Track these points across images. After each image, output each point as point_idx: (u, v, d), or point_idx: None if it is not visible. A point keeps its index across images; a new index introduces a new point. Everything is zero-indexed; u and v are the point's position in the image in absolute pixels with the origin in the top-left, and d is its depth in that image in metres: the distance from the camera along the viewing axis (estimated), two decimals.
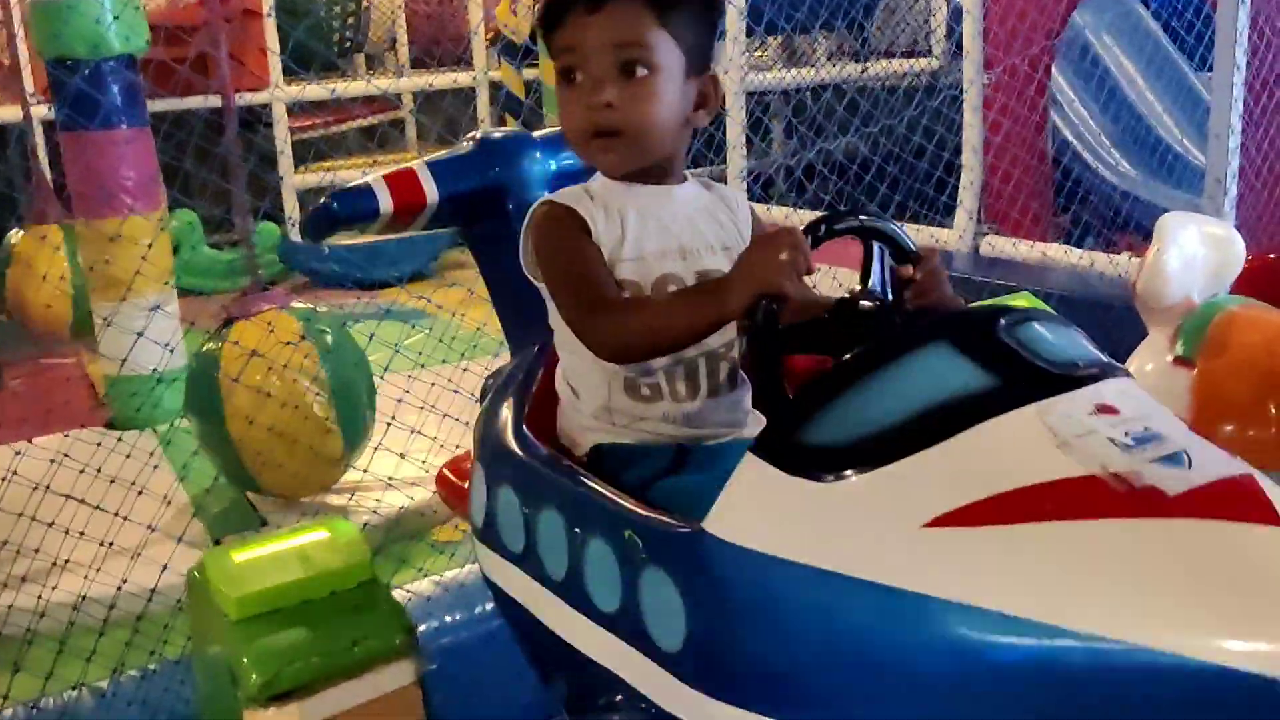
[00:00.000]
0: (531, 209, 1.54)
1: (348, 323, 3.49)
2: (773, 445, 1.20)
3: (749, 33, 5.84)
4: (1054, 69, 5.08)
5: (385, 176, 1.86)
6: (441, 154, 1.97)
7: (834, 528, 1.13)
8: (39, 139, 5.87)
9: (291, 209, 6.66)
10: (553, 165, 1.97)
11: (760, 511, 1.19)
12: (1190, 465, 1.08)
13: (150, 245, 3.69)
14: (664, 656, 1.28)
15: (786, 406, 1.25)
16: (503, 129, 2.07)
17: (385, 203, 1.83)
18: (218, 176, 4.13)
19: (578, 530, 1.42)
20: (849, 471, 1.13)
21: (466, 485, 1.70)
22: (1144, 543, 1.01)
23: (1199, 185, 3.73)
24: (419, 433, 2.89)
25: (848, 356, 1.23)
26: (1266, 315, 2.33)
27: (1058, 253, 4.37)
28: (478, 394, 1.96)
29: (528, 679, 1.60)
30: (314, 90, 6.67)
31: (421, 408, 2.92)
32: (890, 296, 1.45)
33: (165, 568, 2.38)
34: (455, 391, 2.91)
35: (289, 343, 3.03)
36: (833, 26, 6.14)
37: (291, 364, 3.00)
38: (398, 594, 2.51)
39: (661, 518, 1.33)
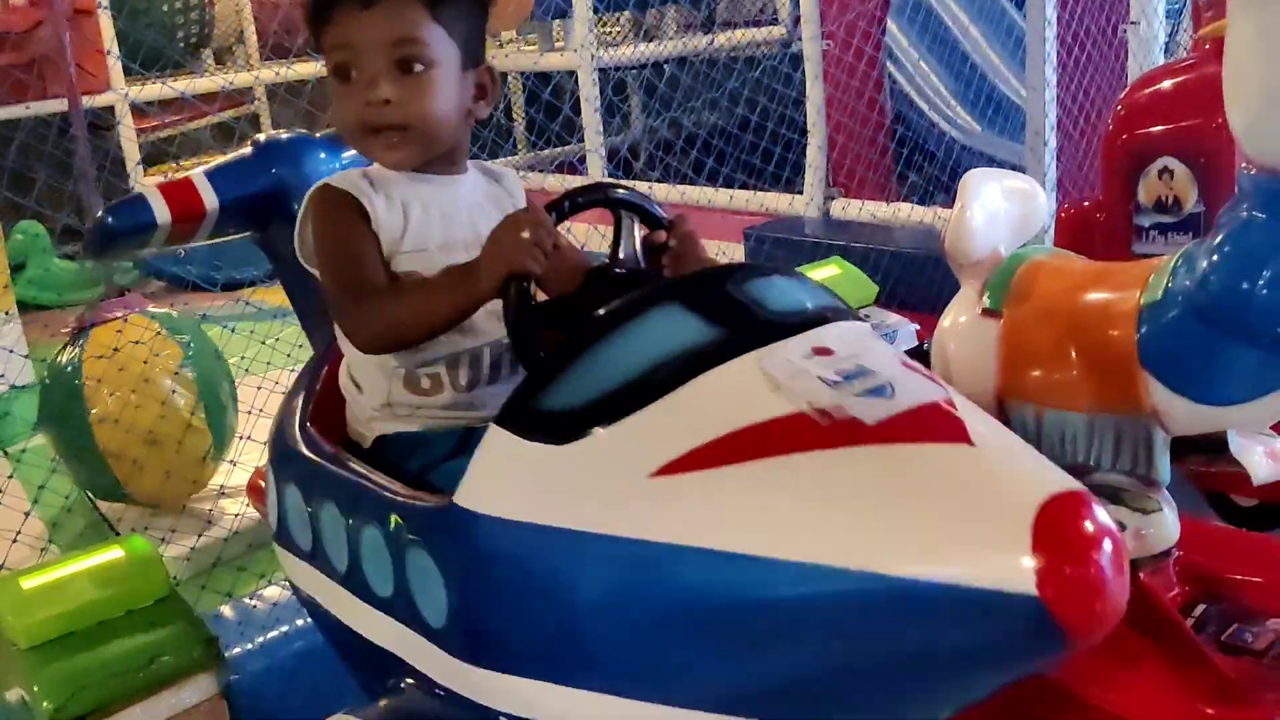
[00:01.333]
0: (309, 192, 1.53)
1: (202, 322, 3.43)
2: (514, 414, 1.24)
3: (595, 10, 5.83)
4: (890, 25, 5.16)
5: (160, 186, 1.85)
6: (219, 160, 1.95)
7: (573, 487, 1.18)
8: None
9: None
10: (336, 165, 1.96)
11: (504, 479, 1.24)
12: (893, 394, 1.15)
13: None
14: (433, 633, 1.33)
15: (527, 375, 1.29)
16: (287, 130, 2.04)
17: (162, 213, 1.81)
18: (66, 183, 4.00)
19: (352, 521, 1.45)
20: (584, 432, 1.18)
21: None
22: (842, 470, 1.08)
23: None
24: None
25: (584, 321, 1.27)
26: (1068, 263, 2.40)
27: (904, 212, 4.47)
28: None
29: (336, 674, 1.60)
30: (155, 90, 6.47)
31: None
32: (644, 265, 1.48)
33: None
34: None
35: (141, 343, 2.98)
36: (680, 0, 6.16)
37: (154, 365, 2.98)
38: (246, 601, 2.49)
39: (419, 498, 1.36)
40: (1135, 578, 1.06)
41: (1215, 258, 1.83)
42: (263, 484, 1.92)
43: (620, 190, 1.47)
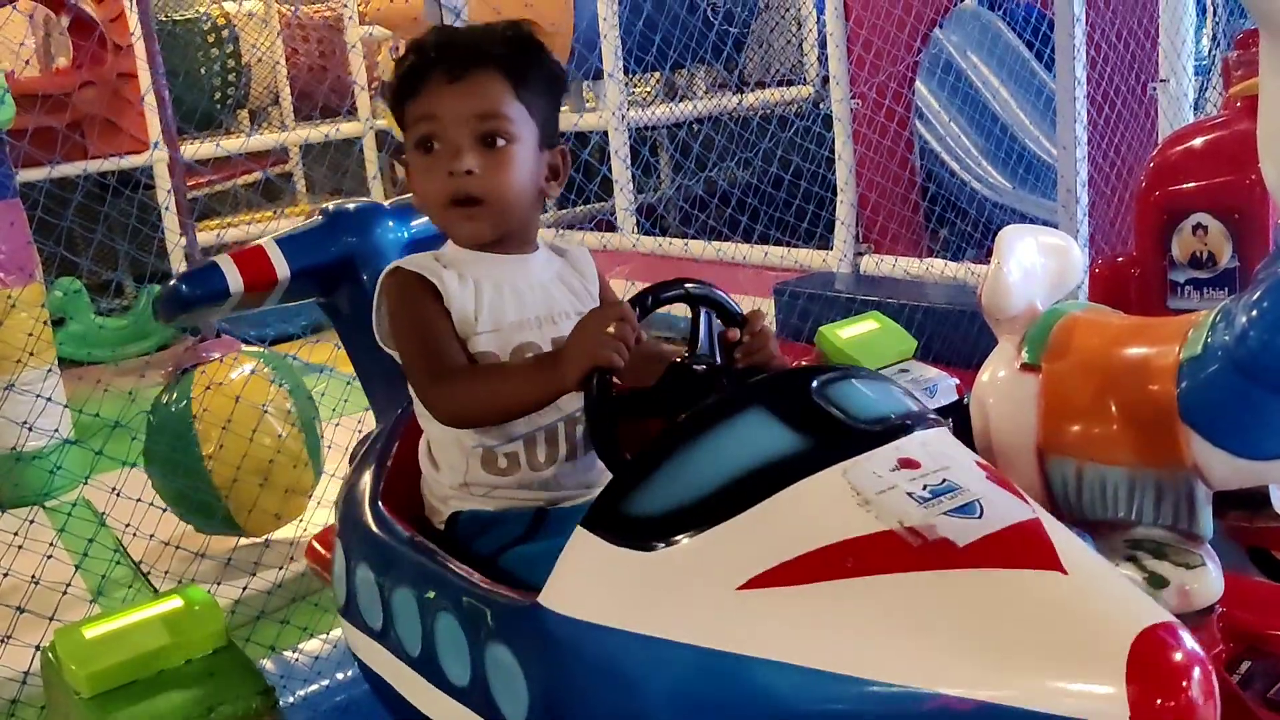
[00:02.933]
0: (382, 276, 1.56)
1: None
2: (601, 517, 1.25)
3: (627, 70, 5.94)
4: (919, 86, 5.23)
5: (233, 255, 1.88)
6: (291, 230, 1.99)
7: (658, 595, 1.19)
8: None
9: (180, 270, 6.57)
10: (405, 234, 2.00)
11: (590, 583, 1.25)
12: (981, 514, 1.16)
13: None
14: None
15: (614, 478, 1.31)
16: (355, 200, 2.09)
17: (235, 282, 1.84)
18: (105, 241, 4.08)
19: (428, 607, 1.46)
20: (671, 539, 1.19)
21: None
22: (935, 594, 1.08)
23: None
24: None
25: (669, 427, 1.30)
26: (1105, 318, 2.42)
27: (935, 268, 4.50)
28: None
29: None
30: (196, 148, 6.60)
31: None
32: (719, 359, 1.51)
33: (37, 648, 2.33)
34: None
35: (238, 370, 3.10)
36: (708, 60, 6.26)
37: (267, 401, 3.10)
38: (287, 655, 2.51)
39: (502, 592, 1.37)
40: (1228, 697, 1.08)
41: (1254, 313, 1.85)
42: (319, 547, 1.95)
43: (698, 285, 1.50)
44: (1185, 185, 2.93)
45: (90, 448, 2.77)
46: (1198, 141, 2.98)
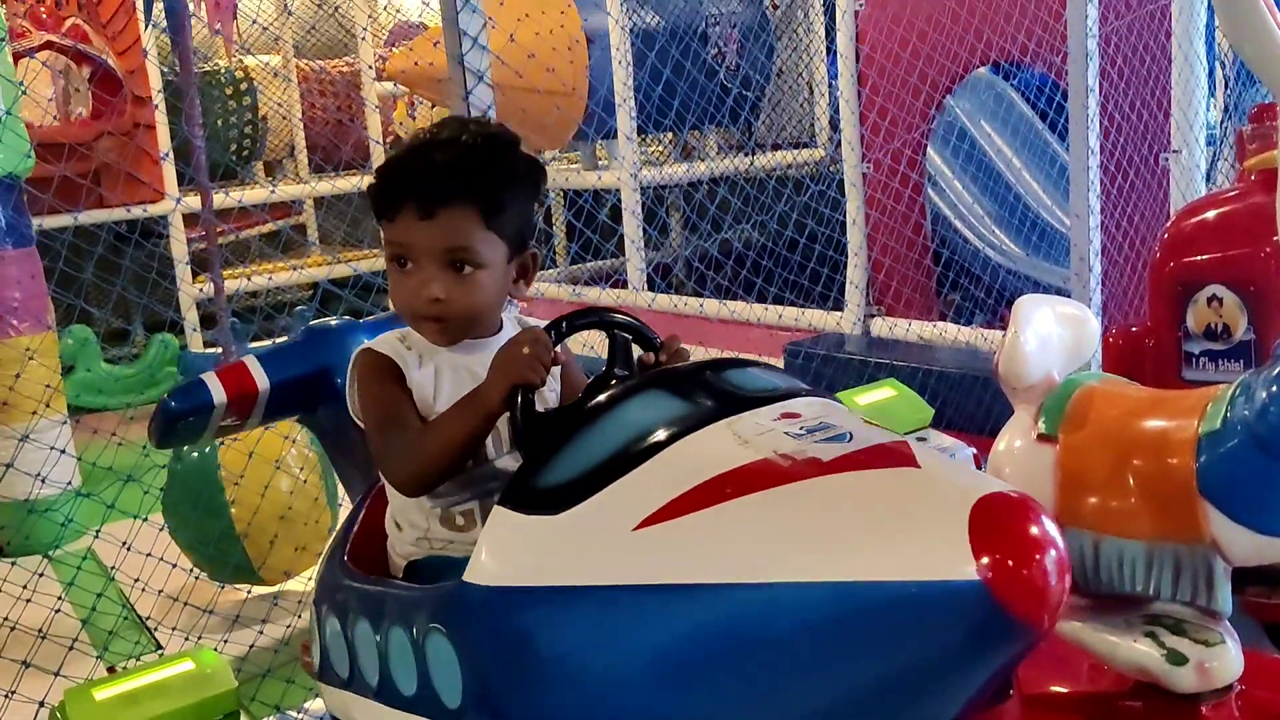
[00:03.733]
0: (354, 355, 1.68)
1: None
2: (514, 494, 1.38)
3: (642, 130, 5.99)
4: (930, 152, 5.27)
5: (216, 371, 1.98)
6: (270, 345, 2.14)
7: (566, 550, 1.30)
8: None
9: (191, 319, 6.60)
10: None
11: (507, 553, 1.36)
12: (851, 439, 1.28)
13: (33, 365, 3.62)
14: (451, 716, 1.42)
15: (525, 458, 1.42)
16: (334, 319, 2.21)
17: (218, 394, 1.94)
18: (114, 289, 4.10)
19: (381, 630, 1.55)
20: (576, 500, 1.31)
21: None
22: (799, 499, 1.19)
23: None
24: None
25: (574, 408, 1.42)
26: (1123, 389, 2.41)
27: (941, 332, 4.50)
28: None
29: None
30: (218, 200, 6.64)
31: None
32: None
33: (41, 704, 2.31)
34: None
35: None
36: (720, 121, 6.33)
37: (288, 446, 3.17)
38: (291, 714, 2.48)
39: (436, 587, 1.47)
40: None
41: (1274, 389, 1.84)
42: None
43: (614, 314, 1.61)
44: (1200, 257, 2.93)
45: (101, 500, 2.76)
46: (1212, 213, 2.99)
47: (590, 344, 1.76)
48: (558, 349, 1.51)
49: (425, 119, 7.46)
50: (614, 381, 1.54)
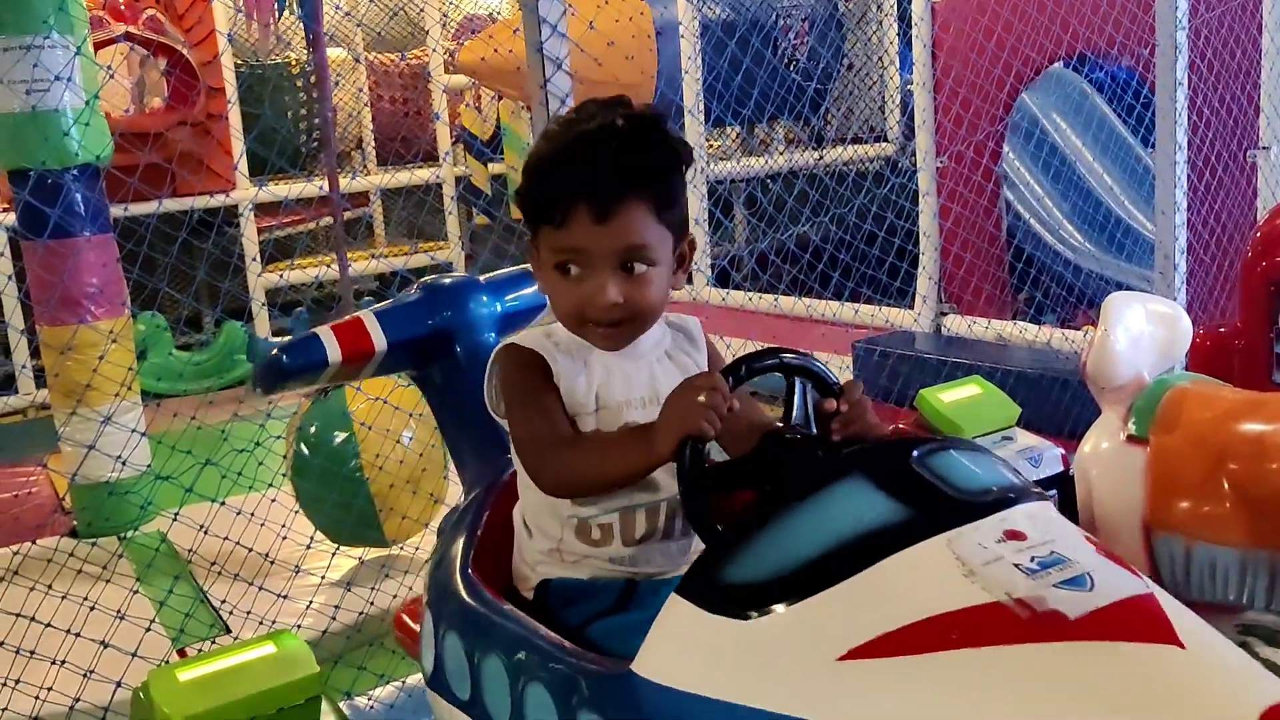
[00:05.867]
0: (495, 350, 1.59)
1: None
2: (696, 585, 1.24)
3: (711, 123, 5.96)
4: (1005, 149, 5.18)
5: (333, 327, 1.90)
6: (388, 303, 2.02)
7: (755, 664, 1.16)
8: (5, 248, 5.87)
9: (259, 308, 6.68)
10: (499, 308, 2.03)
11: (685, 651, 1.22)
12: (1093, 587, 1.12)
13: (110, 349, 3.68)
14: None
15: (710, 545, 1.29)
16: (451, 275, 2.14)
17: (334, 353, 1.87)
18: (188, 276, 4.15)
19: (518, 675, 1.43)
20: (768, 608, 1.17)
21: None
22: (1047, 667, 1.04)
23: (1153, 260, 3.80)
24: None
25: (767, 494, 1.29)
26: (1216, 391, 2.35)
27: (1016, 330, 4.42)
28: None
29: None
30: (282, 189, 6.73)
31: None
32: (814, 429, 1.48)
33: (119, 685, 2.33)
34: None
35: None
36: (792, 114, 6.28)
37: (419, 411, 3.15)
38: (360, 701, 2.49)
39: (593, 660, 1.35)
40: None
41: None
42: (407, 619, 1.94)
43: (793, 355, 1.48)
44: None
45: (179, 483, 2.79)
46: None
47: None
48: (733, 397, 1.37)
49: (492, 113, 7.48)
50: (790, 432, 1.45)
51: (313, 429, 3.28)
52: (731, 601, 1.19)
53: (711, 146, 7.01)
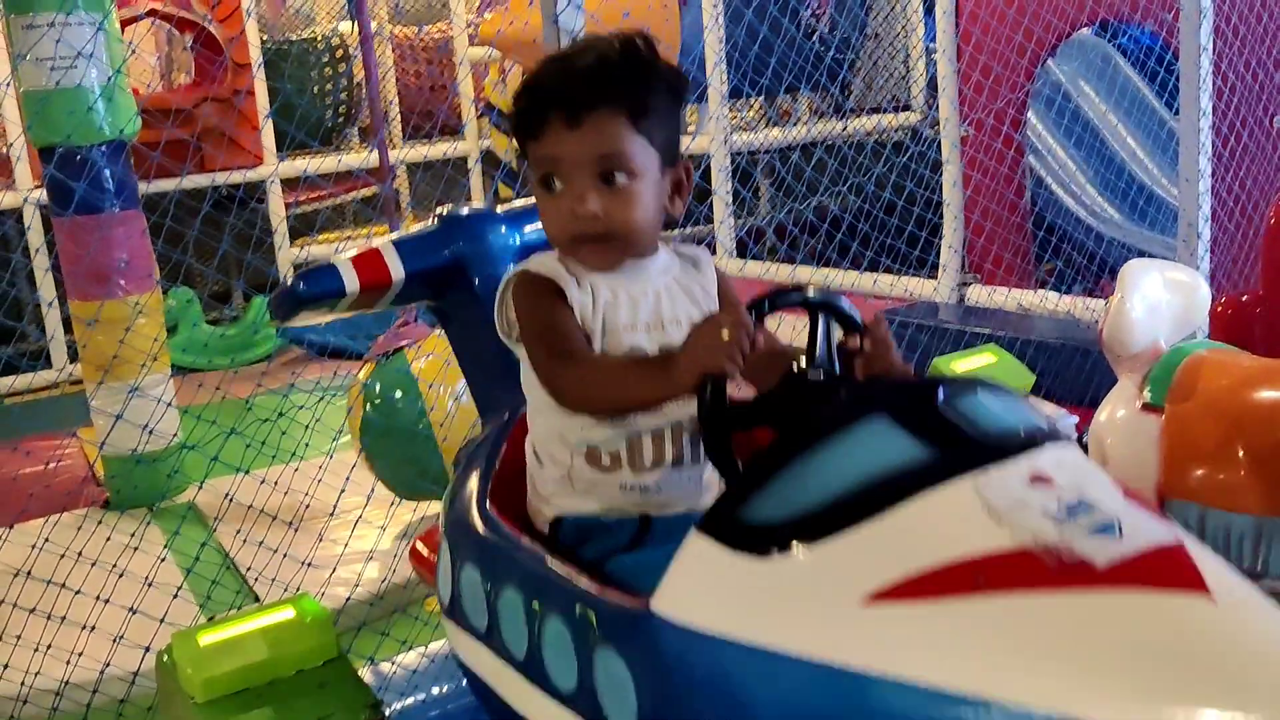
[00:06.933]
0: (507, 274, 1.59)
1: None
2: (717, 522, 1.22)
3: (733, 94, 5.93)
4: (1030, 116, 5.14)
5: (351, 257, 1.89)
6: (406, 233, 2.00)
7: (777, 604, 1.15)
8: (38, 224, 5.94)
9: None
10: (516, 239, 2.01)
11: (705, 589, 1.21)
12: (1121, 535, 1.10)
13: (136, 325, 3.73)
14: None
15: (731, 483, 1.28)
16: (469, 205, 2.11)
17: (351, 282, 1.86)
18: (216, 251, 4.20)
19: (536, 609, 1.44)
20: (791, 547, 1.15)
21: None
22: (1075, 616, 1.03)
23: (1177, 227, 3.77)
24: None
25: (789, 432, 1.26)
26: (1233, 359, 2.34)
27: (1039, 300, 4.40)
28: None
29: None
30: (310, 164, 6.77)
31: None
32: (838, 368, 1.46)
33: (147, 650, 2.39)
34: None
35: None
36: (814, 84, 6.23)
37: None
38: (384, 667, 2.53)
39: (612, 596, 1.34)
40: None
41: None
42: (422, 549, 1.95)
43: (817, 291, 1.47)
44: None
45: (206, 453, 2.84)
46: None
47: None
48: (757, 333, 1.36)
49: (516, 85, 7.48)
50: (813, 370, 1.44)
51: (377, 388, 3.38)
52: (753, 539, 1.18)
53: (734, 118, 6.99)
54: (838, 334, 1.48)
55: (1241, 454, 2.18)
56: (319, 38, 7.87)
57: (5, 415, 5.37)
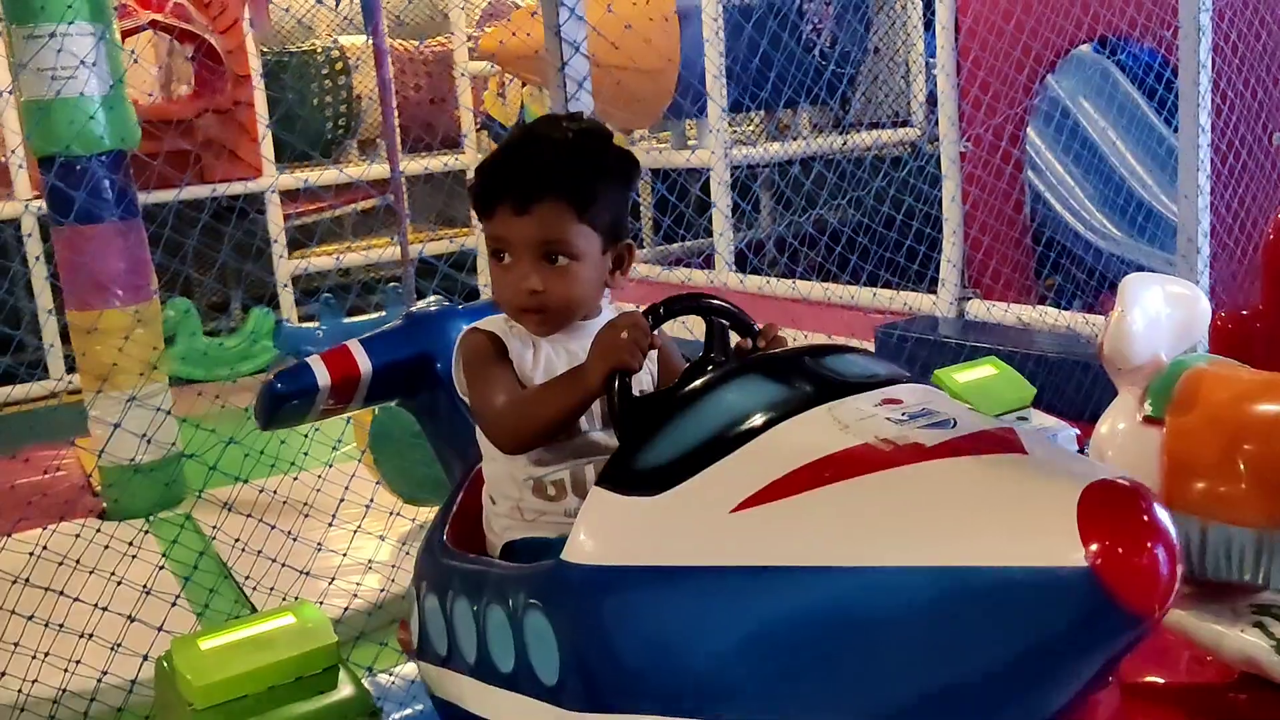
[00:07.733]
0: (460, 334, 1.74)
1: None
2: (612, 475, 1.40)
3: (733, 108, 5.95)
4: (1030, 132, 5.15)
5: (321, 355, 2.02)
6: (373, 332, 2.13)
7: (664, 529, 1.32)
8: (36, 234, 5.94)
9: (287, 293, 6.73)
10: None
11: (605, 532, 1.38)
12: (955, 425, 1.25)
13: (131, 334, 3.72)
14: (548, 692, 1.44)
15: (623, 440, 1.43)
16: (434, 304, 2.27)
17: (323, 376, 1.98)
18: (214, 262, 4.21)
19: (479, 607, 1.58)
20: (675, 483, 1.32)
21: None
22: (902, 484, 1.18)
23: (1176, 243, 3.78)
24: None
25: (672, 391, 1.43)
26: (1233, 372, 2.34)
27: (1039, 315, 4.40)
28: None
29: None
30: (310, 176, 6.77)
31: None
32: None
33: (145, 658, 2.38)
34: None
35: None
36: (813, 99, 6.25)
37: None
38: (383, 678, 2.52)
39: (534, 566, 1.49)
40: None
41: None
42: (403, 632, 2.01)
43: (712, 299, 1.62)
44: None
45: (204, 462, 2.84)
46: None
47: (690, 326, 1.76)
48: (655, 333, 1.53)
49: (516, 99, 7.49)
50: (710, 367, 1.55)
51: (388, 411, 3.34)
52: (644, 482, 1.35)
53: (734, 132, 7.01)
54: (734, 339, 1.61)
55: (1242, 467, 2.18)
56: (319, 50, 7.89)
57: (3, 425, 5.36)
